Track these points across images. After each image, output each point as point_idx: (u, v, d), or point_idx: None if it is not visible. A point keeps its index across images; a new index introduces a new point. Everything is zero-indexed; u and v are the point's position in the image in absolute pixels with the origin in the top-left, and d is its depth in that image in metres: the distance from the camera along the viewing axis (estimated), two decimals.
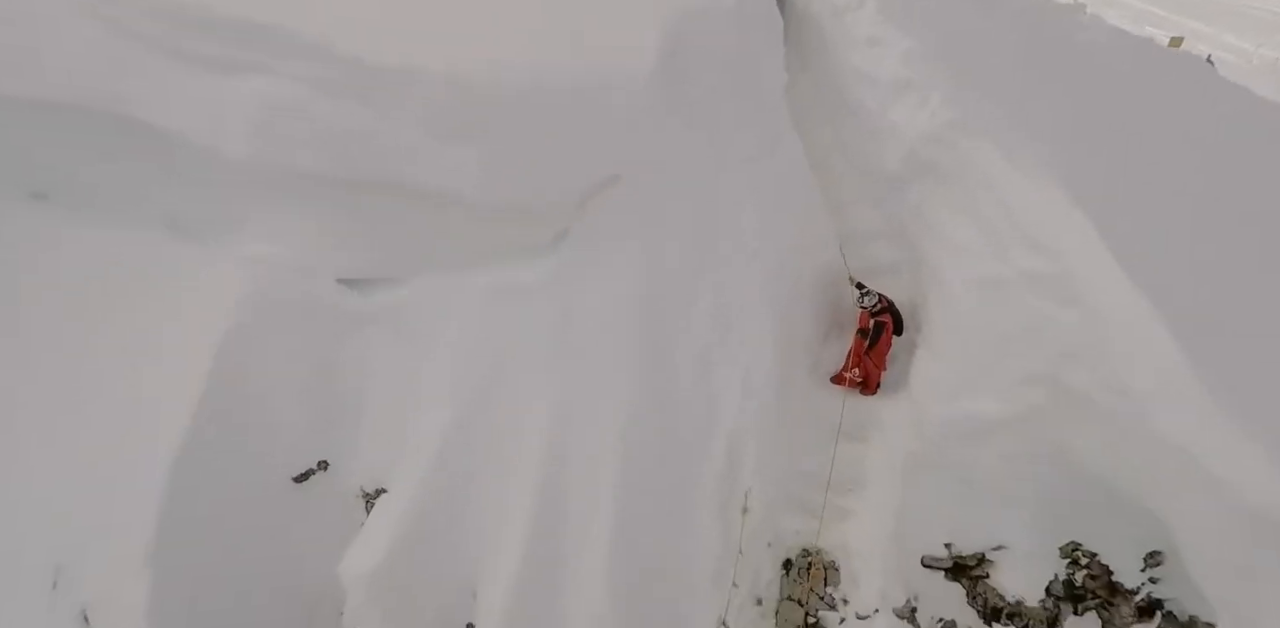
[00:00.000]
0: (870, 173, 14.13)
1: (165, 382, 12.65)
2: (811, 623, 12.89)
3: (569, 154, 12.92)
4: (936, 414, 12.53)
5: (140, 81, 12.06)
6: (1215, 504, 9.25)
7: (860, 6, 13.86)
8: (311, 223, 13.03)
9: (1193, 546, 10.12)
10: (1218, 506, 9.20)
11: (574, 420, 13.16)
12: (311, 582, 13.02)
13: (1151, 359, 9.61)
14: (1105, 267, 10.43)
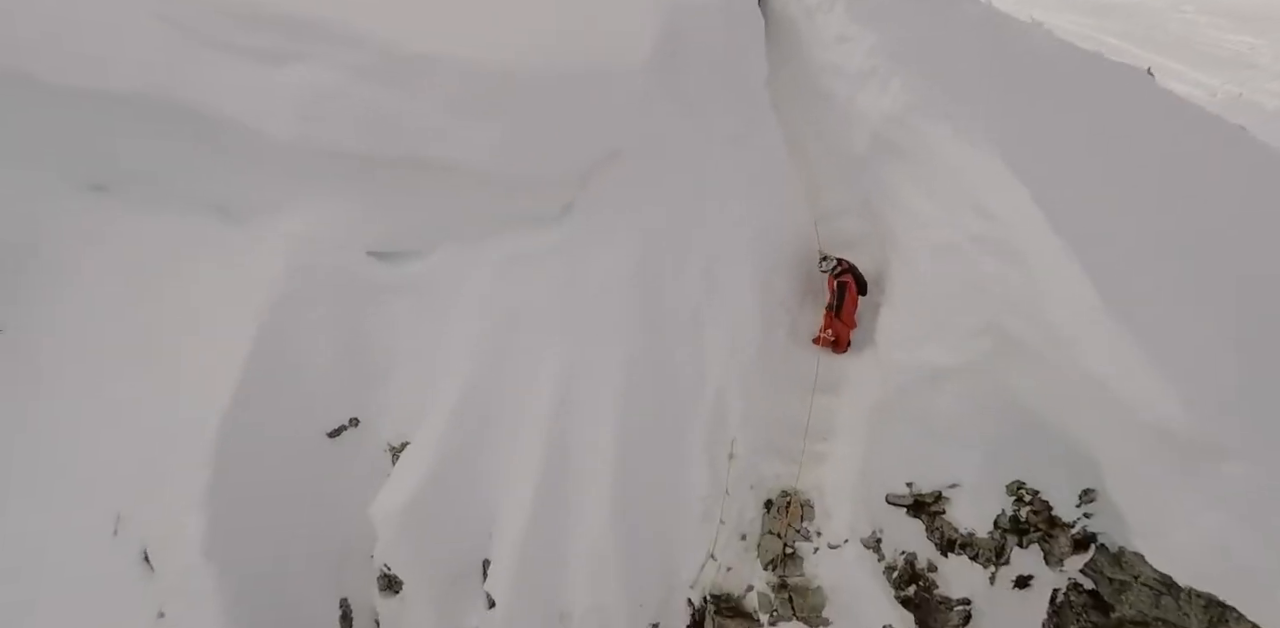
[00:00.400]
0: (841, 154, 15.35)
1: (216, 347, 13.97)
2: (789, 554, 14.05)
3: (575, 132, 14.26)
4: (898, 364, 13.85)
5: (198, 73, 13.33)
6: (1124, 424, 10.78)
7: (831, 9, 15.24)
8: (346, 201, 14.36)
9: (1110, 465, 11.66)
10: (1126, 425, 10.74)
11: (579, 375, 14.49)
12: (343, 527, 14.26)
13: (1076, 305, 11.11)
14: (1039, 228, 11.88)
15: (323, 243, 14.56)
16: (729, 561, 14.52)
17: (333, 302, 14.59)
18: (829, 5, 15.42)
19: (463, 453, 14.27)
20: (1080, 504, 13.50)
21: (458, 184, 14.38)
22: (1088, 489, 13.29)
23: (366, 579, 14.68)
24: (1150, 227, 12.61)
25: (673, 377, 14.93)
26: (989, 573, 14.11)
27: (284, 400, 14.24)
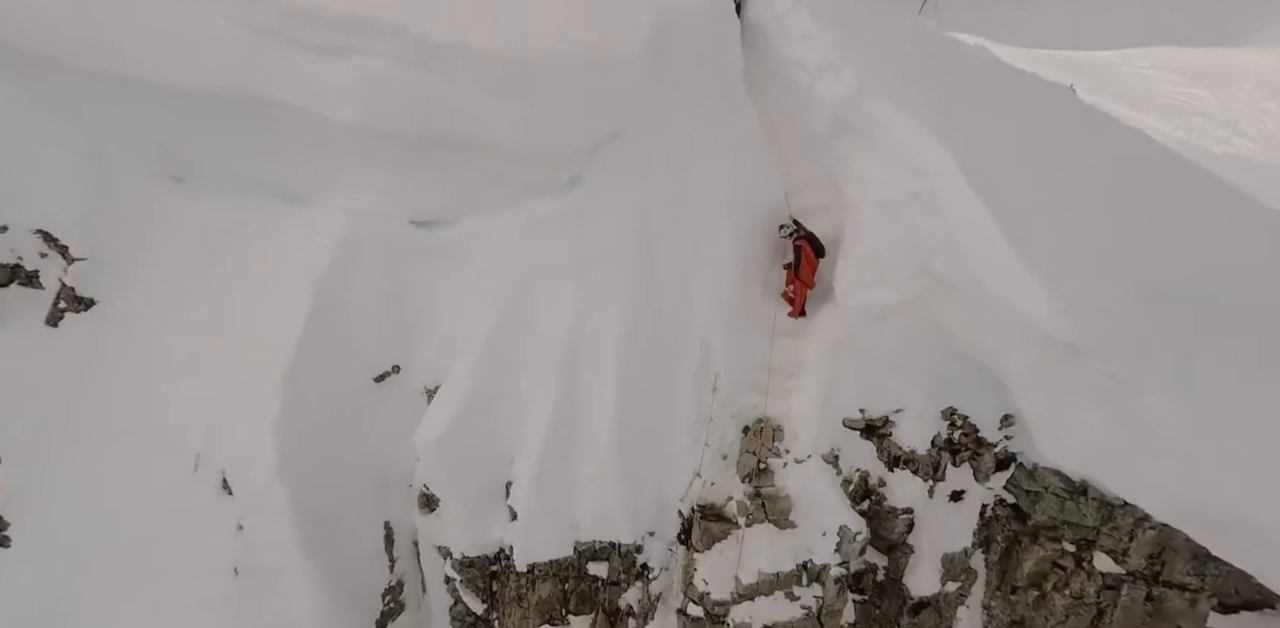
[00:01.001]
0: (805, 134, 17.49)
1: (281, 307, 16.23)
2: (762, 469, 16.25)
3: (583, 113, 16.43)
4: (850, 304, 16.15)
5: (270, 68, 15.55)
6: (1023, 337, 13.37)
7: (795, 13, 17.39)
8: (392, 178, 16.60)
9: (1015, 378, 14.15)
10: (1024, 338, 13.31)
11: (585, 322, 16.61)
12: (386, 459, 16.57)
13: (986, 245, 13.64)
14: (958, 184, 14.24)
15: (372, 215, 16.75)
16: (712, 477, 16.58)
17: (379, 265, 16.70)
18: (794, 10, 17.54)
19: (488, 391, 16.39)
20: (1001, 427, 16.16)
21: (484, 160, 16.44)
22: (1007, 415, 15.95)
23: (406, 505, 16.79)
24: (1045, 182, 15.27)
25: (665, 323, 16.98)
26: (928, 487, 16.51)
27: (337, 351, 16.37)
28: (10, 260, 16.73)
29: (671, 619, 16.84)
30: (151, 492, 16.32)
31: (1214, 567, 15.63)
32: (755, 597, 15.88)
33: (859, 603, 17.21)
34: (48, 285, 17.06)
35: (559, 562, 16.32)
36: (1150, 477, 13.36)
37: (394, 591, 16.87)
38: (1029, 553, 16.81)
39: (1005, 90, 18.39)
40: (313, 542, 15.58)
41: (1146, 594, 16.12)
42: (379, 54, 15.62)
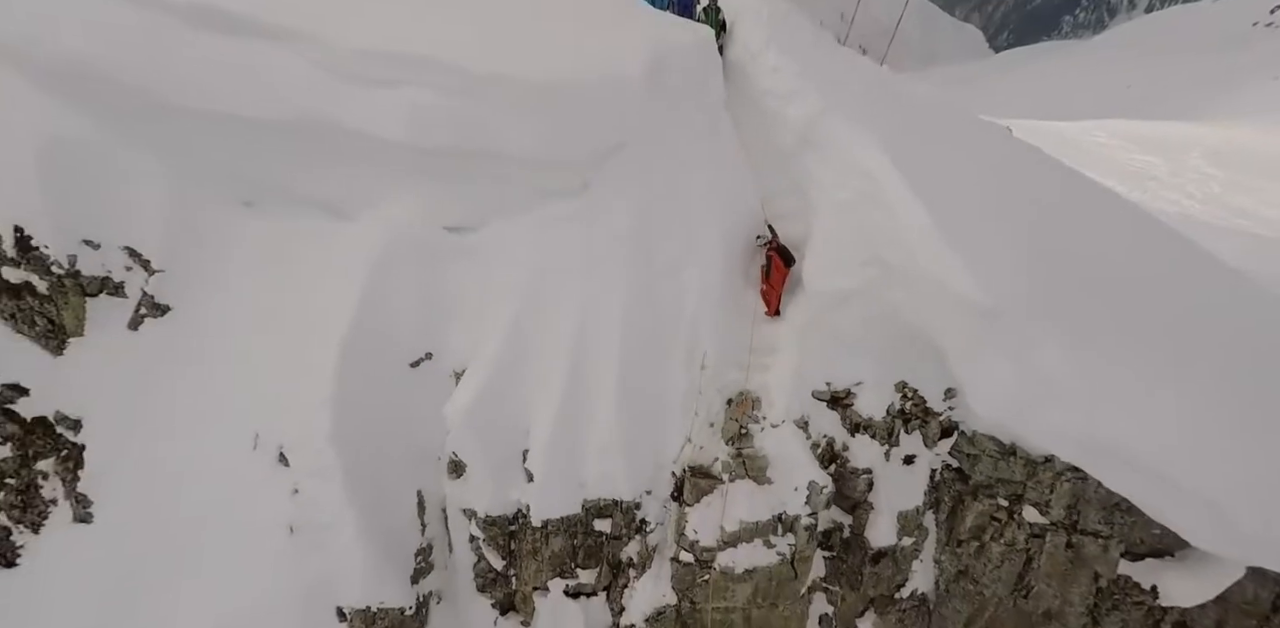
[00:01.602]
0: (776, 149, 19.93)
1: (330, 306, 18.32)
2: (743, 433, 18.43)
3: (592, 127, 18.71)
4: (816, 291, 18.47)
5: (332, 97, 17.91)
6: (952, 307, 15.88)
7: (766, 51, 20.30)
8: (431, 189, 18.81)
9: (950, 346, 16.59)
10: (953, 307, 15.86)
11: (592, 309, 18.61)
12: (420, 435, 18.49)
13: (921, 233, 16.28)
14: (897, 184, 16.92)
15: (411, 223, 18.95)
16: (701, 441, 18.72)
17: (416, 266, 18.78)
18: (765, 49, 20.35)
19: (508, 370, 18.46)
20: (945, 399, 18.37)
21: (508, 170, 18.76)
22: (949, 388, 18.20)
23: (436, 476, 18.77)
24: (966, 182, 18.05)
25: (660, 310, 19.05)
26: (884, 450, 18.70)
27: (379, 340, 18.39)
28: (101, 273, 18.57)
29: (666, 567, 18.71)
30: (216, 468, 18.26)
31: (1120, 517, 17.82)
32: (738, 544, 17.79)
33: (828, 558, 19.33)
34: (131, 294, 18.84)
35: (569, 518, 18.23)
36: (1053, 420, 15.87)
37: (425, 552, 18.59)
38: (970, 509, 18.86)
39: (938, 115, 21.25)
40: (358, 502, 17.48)
41: (1067, 542, 18.32)
42: (426, 84, 17.98)
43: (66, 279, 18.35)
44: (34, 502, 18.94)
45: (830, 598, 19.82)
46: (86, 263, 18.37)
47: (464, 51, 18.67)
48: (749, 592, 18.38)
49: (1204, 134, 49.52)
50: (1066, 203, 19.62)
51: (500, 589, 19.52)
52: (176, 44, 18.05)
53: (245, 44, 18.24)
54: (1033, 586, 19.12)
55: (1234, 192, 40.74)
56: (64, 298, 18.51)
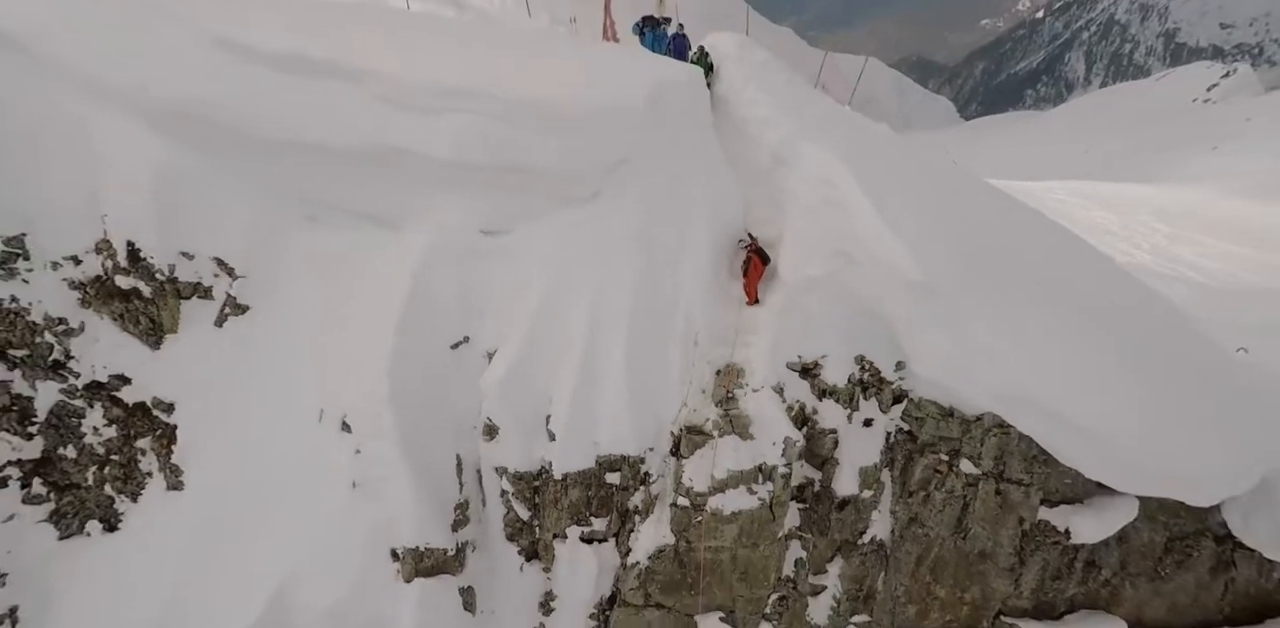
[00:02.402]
0: (754, 166, 23.67)
1: (383, 300, 21.36)
2: (729, 397, 21.34)
3: (603, 146, 22.52)
4: (789, 280, 21.95)
5: (389, 123, 21.28)
6: (897, 286, 19.46)
7: (747, 87, 24.39)
8: (470, 200, 22.08)
9: (897, 319, 20.01)
10: (898, 286, 19.42)
11: (603, 297, 21.80)
12: (458, 406, 21.48)
13: (871, 228, 20.01)
14: (853, 189, 20.66)
15: (453, 228, 22.04)
16: (694, 405, 21.70)
17: (456, 264, 21.83)
18: (746, 85, 24.48)
19: (534, 348, 21.47)
20: (896, 371, 21.48)
21: (534, 180, 22.04)
22: (900, 362, 21.32)
23: (471, 442, 21.63)
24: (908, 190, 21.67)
25: (660, 297, 22.48)
26: (847, 414, 21.68)
27: (425, 326, 21.32)
28: (194, 279, 21.61)
29: (666, 513, 21.33)
30: (288, 439, 21.06)
31: (1038, 467, 21.30)
32: (725, 490, 20.49)
33: (802, 510, 22.15)
34: (217, 297, 21.87)
35: (585, 472, 21.13)
36: (980, 377, 19.51)
37: (462, 507, 21.13)
38: (918, 464, 21.97)
39: (888, 141, 24.93)
40: (410, 459, 20.26)
41: (996, 489, 21.69)
42: (469, 110, 21.38)
43: (166, 285, 21.42)
44: (133, 474, 21.90)
45: (804, 545, 22.49)
46: (183, 271, 21.50)
47: (500, 84, 21.99)
48: (735, 532, 20.93)
49: (1152, 194, 54.57)
50: (993, 210, 23.45)
51: (526, 537, 22.27)
52: (265, 86, 21.30)
53: (320, 83, 21.59)
54: (969, 528, 22.30)
55: (1178, 244, 44.99)
56: (163, 300, 21.61)
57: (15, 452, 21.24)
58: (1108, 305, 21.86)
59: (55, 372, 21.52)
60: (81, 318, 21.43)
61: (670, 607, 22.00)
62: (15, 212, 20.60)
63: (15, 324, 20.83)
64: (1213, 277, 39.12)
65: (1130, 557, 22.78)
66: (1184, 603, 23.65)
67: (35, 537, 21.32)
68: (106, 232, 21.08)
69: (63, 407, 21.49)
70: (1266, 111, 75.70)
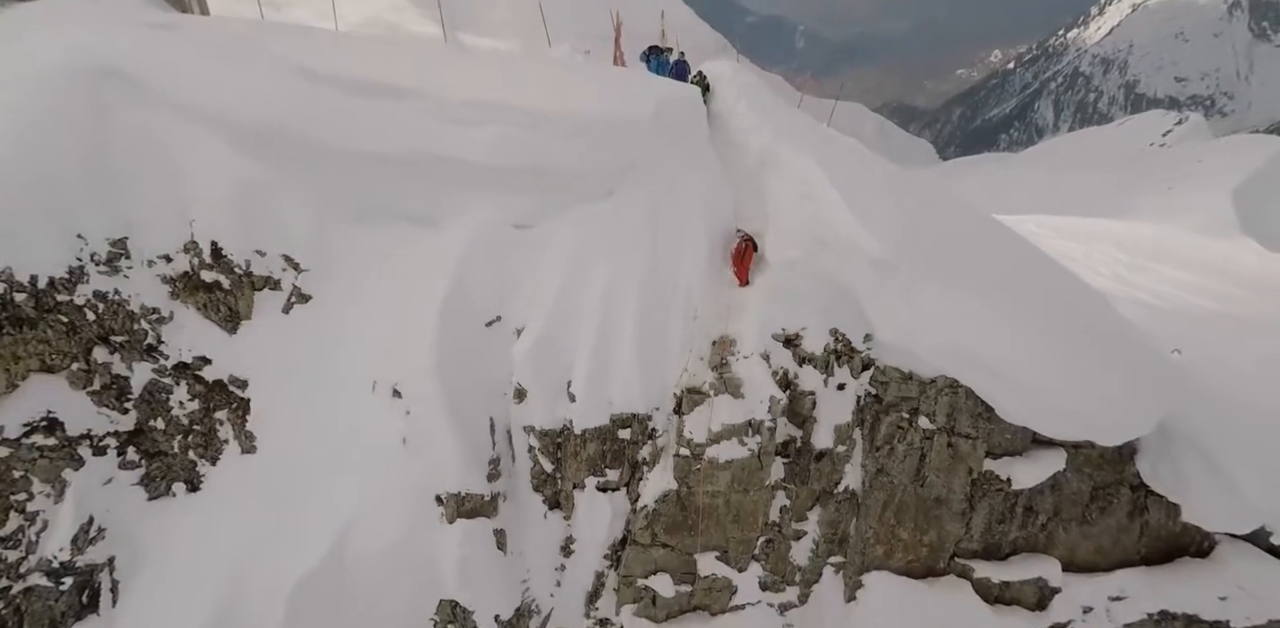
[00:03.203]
0: (743, 169, 26.82)
1: (428, 285, 24.00)
2: (723, 363, 23.94)
3: (616, 152, 25.30)
4: (774, 262, 25.03)
5: (435, 133, 24.42)
6: (861, 262, 22.76)
7: (739, 103, 28.11)
8: (502, 198, 25.16)
9: (862, 293, 23.19)
10: (861, 262, 22.72)
11: (616, 280, 24.37)
12: (491, 375, 23.93)
13: (838, 216, 23.39)
14: (825, 185, 24.03)
15: (488, 223, 25.14)
16: (693, 370, 24.26)
17: (490, 255, 24.76)
18: (737, 102, 28.28)
19: (557, 323, 24.08)
20: (865, 342, 24.36)
21: (557, 181, 25.19)
22: (868, 335, 24.28)
23: (503, 406, 24.35)
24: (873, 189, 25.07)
25: (664, 280, 24.90)
26: (823, 378, 24.41)
27: (465, 307, 24.10)
28: (266, 273, 24.85)
29: (670, 462, 23.87)
30: (347, 406, 24.09)
31: (983, 423, 24.53)
32: (720, 441, 23.08)
33: (785, 464, 24.92)
34: (284, 288, 25.01)
35: (600, 428, 23.77)
36: (930, 339, 22.97)
37: (495, 462, 23.60)
38: (883, 422, 24.88)
39: (856, 149, 28.43)
40: (452, 418, 23.25)
41: (948, 442, 24.79)
42: (502, 122, 24.59)
43: (243, 278, 24.74)
44: (213, 441, 25.23)
45: (788, 494, 25.35)
46: (256, 266, 24.69)
47: (528, 99, 25.31)
48: (728, 479, 23.57)
49: (1113, 228, 58.71)
50: (943, 206, 26.99)
51: (550, 488, 25.00)
52: (332, 106, 24.73)
53: (377, 103, 24.98)
54: (927, 477, 25.40)
55: (1135, 272, 49.05)
56: (240, 292, 24.84)
57: (113, 424, 24.51)
58: (1034, 282, 25.43)
59: (148, 354, 24.88)
60: (171, 308, 24.80)
61: (674, 546, 24.68)
62: (119, 218, 23.99)
63: (117, 314, 24.23)
64: (1165, 300, 43.26)
65: (1062, 504, 26.02)
66: (1108, 545, 26.95)
67: (129, 497, 24.65)
68: (193, 234, 24.50)
69: (154, 384, 24.89)
70: (1215, 156, 79.78)
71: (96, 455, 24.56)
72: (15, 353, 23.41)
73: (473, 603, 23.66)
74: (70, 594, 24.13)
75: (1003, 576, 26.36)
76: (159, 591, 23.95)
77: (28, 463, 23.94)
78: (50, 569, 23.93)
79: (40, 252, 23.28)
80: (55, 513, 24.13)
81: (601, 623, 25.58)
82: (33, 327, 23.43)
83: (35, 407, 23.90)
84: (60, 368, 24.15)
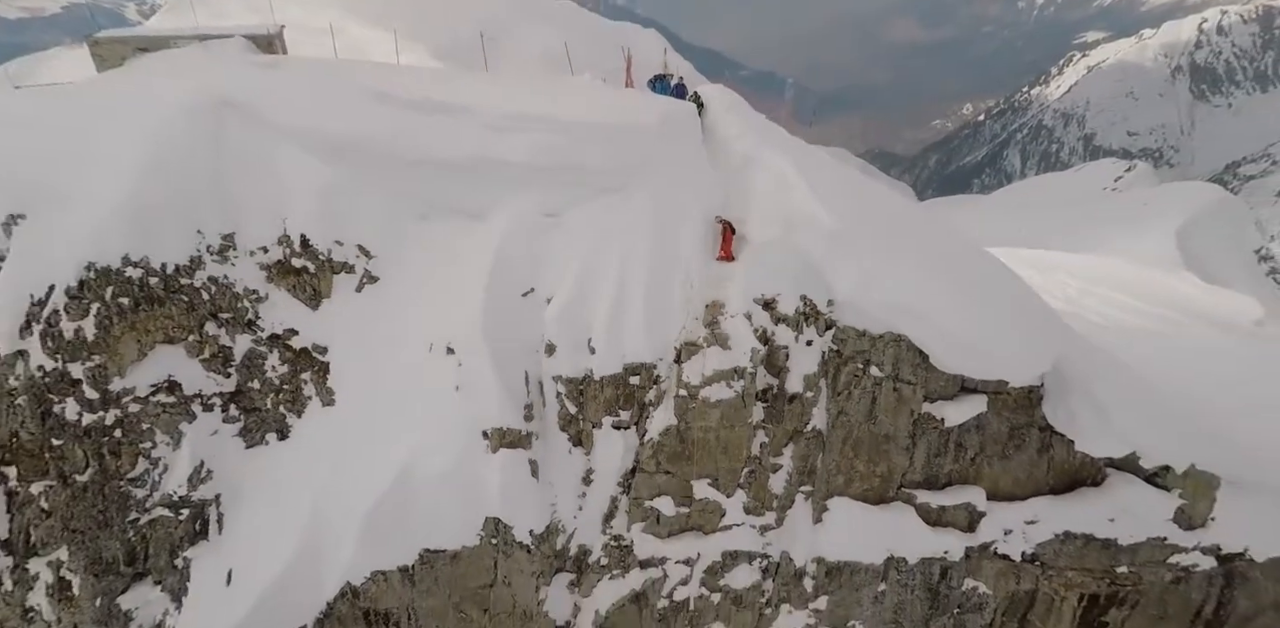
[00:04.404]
0: (731, 166, 31.91)
1: (475, 265, 29.50)
2: (714, 321, 28.98)
3: (630, 152, 30.64)
4: (754, 239, 30.10)
5: (484, 140, 29.92)
6: (820, 234, 28.50)
7: (727, 114, 33.37)
8: (535, 193, 30.52)
9: (820, 261, 28.50)
10: (819, 233, 28.44)
11: (628, 256, 29.61)
12: (525, 337, 29.19)
13: (805, 200, 29.07)
14: (796, 181, 29.53)
15: (525, 212, 30.43)
16: (690, 328, 29.11)
17: (525, 238, 30.11)
18: (726, 114, 33.55)
19: (580, 293, 29.25)
20: (828, 306, 29.14)
21: (581, 177, 30.51)
22: (830, 300, 29.04)
23: (535, 362, 29.39)
24: (834, 182, 30.56)
25: (667, 256, 29.88)
26: (794, 335, 29.11)
27: (505, 281, 29.34)
28: (343, 260, 30.33)
29: (670, 402, 28.55)
30: (409, 364, 29.39)
31: (921, 371, 29.55)
32: (712, 384, 27.78)
33: (764, 408, 29.40)
34: (358, 271, 30.72)
35: (615, 376, 28.83)
36: (875, 294, 28.07)
37: (529, 407, 28.58)
38: (843, 372, 29.70)
39: (817, 153, 34.27)
40: (496, 369, 28.41)
41: (894, 387, 29.75)
42: (540, 130, 30.01)
43: (325, 264, 30.39)
44: (299, 398, 30.74)
45: (766, 432, 29.64)
46: (336, 254, 30.52)
47: (559, 112, 30.88)
48: (718, 416, 28.31)
49: (1068, 259, 67.40)
50: (890, 200, 33.45)
51: (573, 427, 29.93)
52: (399, 122, 30.31)
53: (437, 118, 30.54)
54: (877, 416, 30.35)
55: (1084, 296, 56.89)
56: (322, 275, 30.65)
57: (219, 386, 30.20)
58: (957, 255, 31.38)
59: (248, 328, 30.48)
60: (267, 289, 30.49)
61: (674, 473, 29.50)
62: (229, 217, 29.67)
63: (225, 294, 29.83)
64: (1109, 319, 50.98)
65: (985, 442, 31.20)
66: (1023, 478, 32.37)
67: (231, 445, 30.36)
68: (286, 229, 30.15)
69: (252, 352, 30.51)
70: (1160, 199, 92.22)
71: (205, 411, 30.16)
72: (146, 327, 29.06)
73: (512, 519, 28.59)
74: (186, 523, 29.87)
75: (940, 502, 31.58)
76: (257, 519, 29.37)
77: (152, 417, 29.51)
78: (170, 503, 29.52)
79: (169, 244, 28.86)
80: (173, 458, 29.75)
81: (615, 539, 30.35)
82: (161, 305, 28.95)
83: (159, 371, 29.56)
84: (179, 340, 29.84)
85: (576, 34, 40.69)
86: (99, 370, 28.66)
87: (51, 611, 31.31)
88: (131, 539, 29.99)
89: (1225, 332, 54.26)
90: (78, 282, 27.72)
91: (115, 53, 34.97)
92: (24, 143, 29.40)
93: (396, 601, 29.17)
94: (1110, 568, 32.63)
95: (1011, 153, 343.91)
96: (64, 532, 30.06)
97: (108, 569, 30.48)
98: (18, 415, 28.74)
